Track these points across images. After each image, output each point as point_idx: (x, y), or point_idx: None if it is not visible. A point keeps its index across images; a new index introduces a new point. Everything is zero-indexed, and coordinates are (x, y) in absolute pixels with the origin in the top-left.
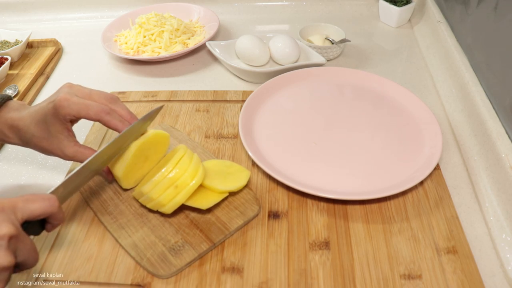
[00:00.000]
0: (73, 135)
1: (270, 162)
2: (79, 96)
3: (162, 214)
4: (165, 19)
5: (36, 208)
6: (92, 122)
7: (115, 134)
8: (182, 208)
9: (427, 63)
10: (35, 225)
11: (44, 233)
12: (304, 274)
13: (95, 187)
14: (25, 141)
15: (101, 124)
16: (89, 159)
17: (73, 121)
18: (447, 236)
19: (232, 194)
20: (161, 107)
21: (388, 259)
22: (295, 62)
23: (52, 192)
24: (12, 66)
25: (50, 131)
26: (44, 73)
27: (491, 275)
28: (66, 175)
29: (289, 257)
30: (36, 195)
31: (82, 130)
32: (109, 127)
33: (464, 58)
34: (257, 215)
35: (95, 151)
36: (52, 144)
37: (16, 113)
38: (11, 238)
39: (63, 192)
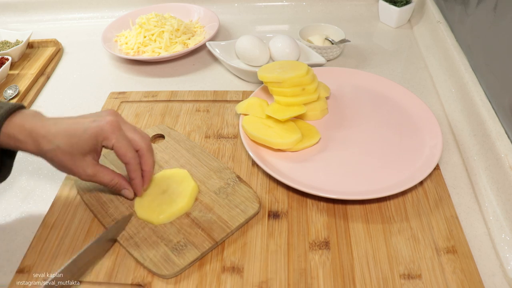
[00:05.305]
0: (98, 157)
1: (270, 162)
2: (125, 126)
3: None
4: (165, 19)
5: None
6: None
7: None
8: None
9: (427, 63)
10: None
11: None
12: (304, 274)
13: (94, 190)
14: (43, 151)
15: None
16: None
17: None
18: (446, 236)
19: (232, 192)
20: (129, 216)
21: (388, 259)
22: None
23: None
24: (12, 66)
25: (79, 148)
26: (44, 73)
27: (490, 274)
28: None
29: (289, 257)
30: None
31: None
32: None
33: (464, 58)
34: (258, 212)
35: (114, 172)
36: (75, 161)
37: (35, 120)
38: None
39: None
